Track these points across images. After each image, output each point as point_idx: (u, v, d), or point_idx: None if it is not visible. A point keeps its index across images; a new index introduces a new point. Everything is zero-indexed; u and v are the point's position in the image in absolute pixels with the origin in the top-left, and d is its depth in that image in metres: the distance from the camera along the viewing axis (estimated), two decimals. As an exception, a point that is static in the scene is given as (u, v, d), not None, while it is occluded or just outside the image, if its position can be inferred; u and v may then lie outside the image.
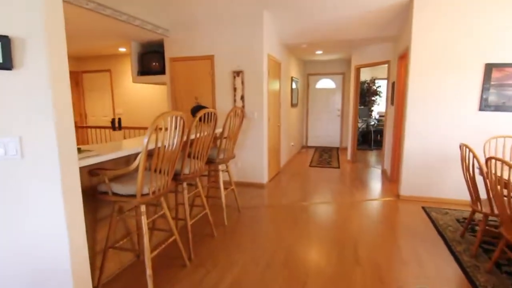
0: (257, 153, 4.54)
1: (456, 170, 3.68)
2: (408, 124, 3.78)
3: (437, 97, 3.64)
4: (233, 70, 4.47)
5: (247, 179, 4.66)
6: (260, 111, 4.43)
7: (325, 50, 6.01)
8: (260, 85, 4.37)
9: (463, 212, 3.45)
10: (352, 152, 6.24)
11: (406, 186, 3.90)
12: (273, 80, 4.88)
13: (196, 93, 4.77)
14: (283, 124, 5.75)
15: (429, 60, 3.61)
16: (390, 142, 4.94)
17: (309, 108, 8.10)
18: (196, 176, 2.61)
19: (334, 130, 7.99)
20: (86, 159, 1.77)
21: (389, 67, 5.20)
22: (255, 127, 4.49)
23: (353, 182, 4.82)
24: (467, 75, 3.50)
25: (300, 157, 6.93)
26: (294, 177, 5.12)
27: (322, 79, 7.90)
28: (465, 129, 3.59)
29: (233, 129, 3.15)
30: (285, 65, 5.71)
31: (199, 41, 4.59)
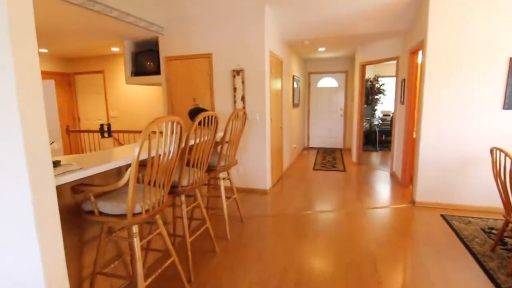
0: (259, 157, 4.26)
1: (478, 174, 3.41)
2: (424, 124, 3.51)
3: (456, 94, 3.37)
4: (233, 69, 4.19)
5: (249, 185, 4.38)
6: (262, 112, 4.14)
7: (328, 47, 5.74)
8: (261, 84, 4.08)
9: (487, 220, 3.19)
10: (357, 154, 5.97)
11: (422, 192, 3.63)
12: (275, 79, 4.60)
13: (193, 94, 4.47)
14: (285, 125, 5.47)
15: (447, 54, 3.33)
16: (401, 143, 4.68)
17: (311, 108, 7.82)
18: (195, 188, 2.32)
19: (337, 131, 7.72)
20: (63, 176, 1.47)
21: (398, 63, 4.93)
22: (257, 129, 4.20)
23: (362, 186, 4.55)
24: (490, 70, 3.23)
25: (302, 159, 6.65)
26: (299, 182, 4.84)
27: (324, 77, 7.63)
28: (487, 129, 3.32)
29: (235, 133, 2.86)
30: (286, 63, 5.43)
31: (196, 39, 4.30)
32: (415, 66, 4.19)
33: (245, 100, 4.21)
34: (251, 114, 4.19)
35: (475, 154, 3.39)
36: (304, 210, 3.59)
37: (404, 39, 4.61)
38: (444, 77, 3.37)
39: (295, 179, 5.02)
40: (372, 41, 5.21)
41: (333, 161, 6.34)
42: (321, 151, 7.47)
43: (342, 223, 3.20)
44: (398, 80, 4.94)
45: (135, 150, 1.51)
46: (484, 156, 3.36)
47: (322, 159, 6.52)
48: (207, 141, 2.36)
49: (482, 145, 3.36)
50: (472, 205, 3.47)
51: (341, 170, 5.54)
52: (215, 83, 4.33)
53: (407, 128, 4.36)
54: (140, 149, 1.51)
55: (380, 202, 3.81)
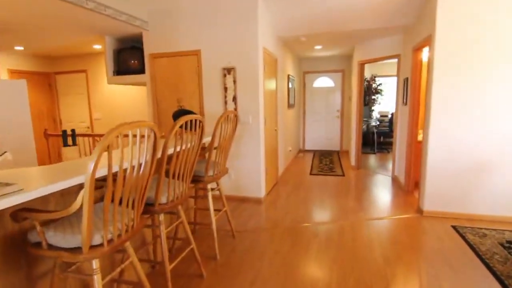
0: (253, 162, 3.92)
1: (492, 180, 3.12)
2: (433, 126, 3.22)
3: (467, 95, 3.08)
4: (223, 67, 3.84)
5: (242, 193, 4.03)
6: (256, 114, 3.81)
7: (325, 44, 5.43)
8: (255, 84, 3.75)
9: (503, 233, 2.90)
10: (356, 157, 5.67)
11: (430, 200, 3.33)
12: (269, 78, 4.27)
13: (180, 94, 4.11)
14: (280, 127, 5.14)
15: (457, 51, 3.04)
16: (403, 146, 4.38)
17: (306, 109, 7.52)
18: (177, 204, 1.97)
19: (334, 133, 7.43)
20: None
21: (400, 61, 4.65)
22: (250, 133, 3.86)
23: (363, 193, 4.24)
24: (504, 69, 2.95)
25: (298, 163, 6.33)
26: (295, 189, 4.51)
27: (320, 77, 7.33)
28: (502, 132, 3.04)
29: (225, 138, 2.52)
30: (281, 62, 5.11)
31: (183, 34, 3.94)
32: (419, 64, 3.91)
33: (236, 101, 3.86)
34: (243, 116, 3.85)
35: (488, 158, 3.10)
36: (303, 222, 3.26)
37: (406, 35, 4.33)
38: (453, 76, 3.08)
39: (291, 185, 4.69)
40: (371, 38, 4.92)
41: (331, 164, 6.03)
42: (317, 154, 7.16)
43: (345, 237, 2.88)
44: (400, 79, 4.65)
45: (89, 165, 1.16)
46: (499, 160, 3.08)
47: (319, 163, 6.20)
48: (192, 148, 2.01)
49: (496, 149, 3.07)
50: (485, 215, 3.18)
51: (339, 175, 5.23)
52: (204, 83, 3.97)
53: (410, 130, 4.07)
54: (96, 164, 1.16)
55: (385, 212, 3.50)
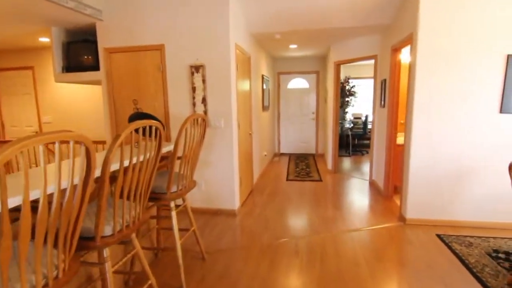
0: (225, 171, 3.53)
1: (474, 185, 3.00)
2: (415, 130, 3.03)
3: (449, 97, 2.93)
4: (191, 64, 3.42)
5: (214, 205, 3.62)
6: (228, 117, 3.43)
7: (300, 43, 5.18)
8: (227, 83, 3.37)
9: (488, 240, 2.76)
10: (333, 161, 5.48)
11: (413, 207, 3.15)
12: (242, 78, 3.91)
13: (141, 95, 3.63)
14: (255, 131, 4.80)
15: (441, 49, 2.88)
16: (381, 150, 4.22)
17: (281, 111, 7.25)
18: (129, 234, 1.54)
19: (309, 136, 7.23)
20: None
21: (376, 62, 4.50)
22: (222, 138, 3.47)
23: (343, 200, 4.01)
24: (485, 69, 2.83)
25: (274, 168, 6.03)
26: (272, 197, 4.18)
27: (294, 78, 7.10)
28: (483, 136, 2.92)
29: (191, 146, 2.12)
30: (255, 61, 4.77)
31: (144, 26, 3.47)
32: (397, 65, 3.75)
33: (206, 103, 3.46)
34: (214, 119, 3.45)
35: (470, 164, 2.97)
36: (282, 237, 2.92)
37: (383, 35, 4.18)
38: (436, 78, 2.92)
39: (268, 193, 4.36)
40: (347, 38, 4.74)
41: (307, 169, 5.79)
42: (293, 158, 6.91)
43: (328, 253, 2.58)
44: (377, 80, 4.50)
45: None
46: (481, 166, 2.96)
47: (295, 167, 5.94)
48: (147, 161, 1.60)
49: (478, 153, 2.95)
50: (469, 221, 3.05)
51: (317, 180, 4.98)
52: (169, 82, 3.53)
53: (389, 133, 3.90)
54: None
55: (367, 221, 3.27)
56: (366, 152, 7.34)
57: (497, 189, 2.96)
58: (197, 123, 2.14)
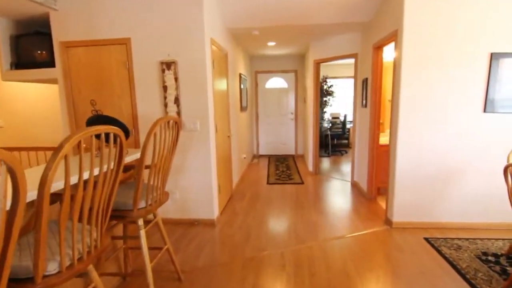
0: (202, 177, 3.23)
1: (460, 186, 2.93)
2: (401, 130, 2.91)
3: (434, 96, 2.83)
4: (162, 60, 3.09)
5: (190, 215, 3.31)
6: (204, 118, 3.13)
7: (279, 41, 4.98)
8: (202, 81, 3.08)
9: (475, 242, 2.68)
10: (314, 162, 5.33)
11: (399, 210, 3.03)
12: (219, 76, 3.63)
13: (106, 95, 3.24)
14: (233, 133, 4.53)
15: (428, 46, 2.77)
16: (364, 151, 4.11)
17: (259, 111, 7.03)
18: (83, 268, 1.23)
19: (288, 136, 7.06)
20: None
21: (357, 61, 4.39)
22: (198, 142, 3.17)
23: (327, 204, 3.84)
24: (469, 67, 2.76)
25: (253, 170, 5.79)
26: (252, 203, 3.93)
27: (272, 77, 6.91)
28: (467, 135, 2.85)
29: (162, 153, 1.82)
30: (232, 58, 4.50)
31: (107, 17, 3.09)
32: (379, 64, 3.64)
33: (180, 103, 3.14)
34: (189, 121, 3.15)
35: (456, 164, 2.90)
36: (265, 248, 2.68)
37: (364, 33, 4.07)
38: (422, 76, 2.81)
39: (248, 198, 4.10)
40: (327, 36, 4.60)
41: (288, 171, 5.61)
42: (272, 159, 6.71)
43: (317, 265, 2.37)
44: (358, 80, 4.39)
45: None
46: (466, 166, 2.89)
47: (275, 169, 5.74)
48: (105, 175, 1.29)
49: (463, 154, 2.88)
50: (455, 222, 2.98)
51: (298, 183, 4.80)
52: (137, 80, 3.17)
53: (372, 134, 3.79)
54: None
55: (354, 226, 3.12)
56: (345, 152, 7.31)
57: (481, 190, 2.91)
58: (168, 126, 1.85)
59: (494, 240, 2.70)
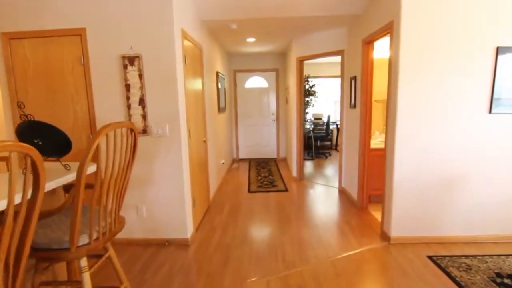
0: (174, 190, 2.79)
1: (464, 194, 2.67)
2: (399, 134, 2.62)
3: (437, 95, 2.56)
4: (123, 54, 2.62)
5: (160, 234, 2.86)
6: (175, 122, 2.69)
7: (259, 36, 4.61)
8: (171, 79, 2.64)
9: (485, 260, 2.42)
10: (298, 167, 5.00)
11: (398, 223, 2.74)
12: (193, 74, 3.19)
13: (58, 95, 2.73)
14: (210, 137, 4.10)
15: (426, 42, 2.49)
16: (353, 155, 3.82)
17: (239, 112, 6.62)
18: None
19: (270, 139, 6.71)
20: None
21: (344, 58, 4.10)
22: (168, 148, 2.73)
23: (315, 216, 3.50)
24: (472, 63, 2.50)
25: (233, 177, 5.37)
26: (233, 216, 3.52)
27: (252, 77, 6.53)
28: (471, 138, 2.60)
29: (114, 169, 1.38)
30: (208, 54, 4.07)
31: (57, 4, 2.59)
32: (370, 60, 3.35)
33: (145, 104, 2.68)
34: (156, 126, 2.70)
35: (460, 171, 2.64)
36: (249, 275, 2.29)
37: (351, 28, 3.78)
38: (422, 73, 2.53)
39: (228, 210, 3.69)
40: (311, 31, 4.28)
41: (270, 176, 5.24)
42: (253, 164, 6.33)
43: (310, 298, 2.01)
44: (345, 78, 4.10)
45: None
46: (472, 172, 2.64)
47: (257, 175, 5.36)
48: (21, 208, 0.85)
49: (467, 158, 2.63)
50: (459, 235, 2.72)
51: (282, 190, 4.45)
52: (95, 77, 2.68)
53: (363, 137, 3.50)
54: None
55: (348, 242, 2.79)
56: (329, 155, 7.05)
57: (487, 198, 2.68)
58: (124, 133, 1.41)
59: (505, 257, 2.44)
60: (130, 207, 2.83)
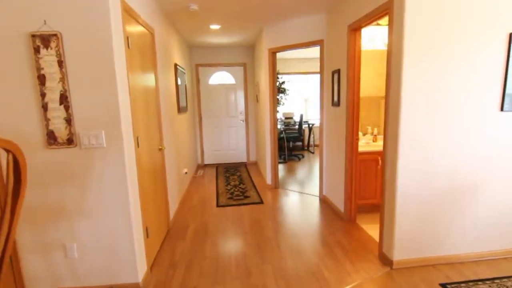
0: (115, 220, 2.05)
1: (476, 205, 2.27)
2: (403, 137, 2.14)
3: (446, 89, 2.12)
4: (33, 32, 1.82)
5: (100, 279, 2.09)
6: (114, 127, 1.95)
7: (224, 23, 3.94)
8: (107, 68, 1.89)
9: (505, 284, 2.02)
10: (273, 173, 4.43)
11: (402, 244, 2.27)
12: (141, 63, 2.45)
13: None
14: (168, 143, 3.36)
15: (434, 27, 2.03)
16: (337, 160, 3.33)
17: (203, 112, 5.89)
18: None
19: (238, 141, 6.07)
20: None
21: (323, 49, 3.59)
22: (105, 164, 1.98)
23: (299, 236, 2.95)
24: (481, 53, 2.10)
25: (198, 187, 4.66)
26: (199, 242, 2.84)
27: (217, 72, 5.83)
28: (479, 141, 2.20)
29: None
30: (163, 41, 3.32)
31: None
32: (357, 50, 2.87)
33: (70, 104, 1.90)
34: (86, 133, 1.93)
35: (468, 179, 2.24)
36: None
37: (333, 13, 3.27)
38: (429, 64, 2.07)
39: (192, 234, 2.99)
40: (284, 18, 3.72)
41: (241, 185, 4.61)
42: (221, 170, 5.64)
43: None
44: (325, 72, 3.60)
45: None
46: (480, 180, 2.25)
47: (226, 183, 4.70)
48: None
49: (477, 164, 2.23)
50: (468, 253, 2.33)
51: (257, 202, 3.84)
52: (-12, 65, 1.84)
53: (350, 140, 3.02)
54: None
55: (342, 271, 2.26)
56: (302, 157, 6.60)
57: (496, 209, 2.31)
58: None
59: (526, 280, 2.08)
60: (54, 247, 2.03)
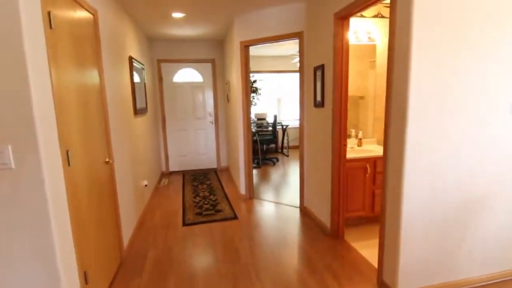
0: (33, 270, 1.44)
1: (480, 226, 1.97)
2: (410, 146, 1.76)
3: (462, 89, 1.78)
4: None
5: None
6: (27, 140, 1.35)
7: (189, 10, 3.39)
8: (13, 54, 1.29)
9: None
10: (247, 182, 3.96)
11: (407, 271, 1.90)
12: (74, 52, 1.84)
13: None
14: (120, 153, 2.74)
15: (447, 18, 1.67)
16: (321, 167, 2.93)
17: (166, 114, 5.26)
18: None
19: (208, 145, 5.51)
20: None
21: (302, 42, 3.17)
22: (15, 193, 1.37)
23: (283, 261, 2.50)
24: (493, 50, 1.79)
25: (161, 200, 4.05)
26: (160, 281, 2.28)
27: (182, 68, 5.23)
28: (490, 148, 1.90)
29: None
30: (112, 28, 2.69)
31: None
32: (345, 42, 2.48)
33: (-47, 105, 1.27)
34: (-19, 148, 1.31)
35: (479, 193, 1.93)
36: None
37: (313, 1, 2.86)
38: (443, 61, 1.71)
39: (151, 267, 2.42)
40: (258, 7, 3.26)
41: (212, 196, 4.08)
42: (188, 178, 5.05)
43: None
44: (306, 68, 3.19)
45: None
46: (492, 195, 1.94)
47: (194, 195, 4.13)
48: None
49: (493, 176, 1.92)
50: (475, 277, 2.03)
51: (230, 218, 3.34)
52: None
53: (337, 145, 2.63)
54: None
55: (340, 310, 1.84)
56: (276, 160, 6.19)
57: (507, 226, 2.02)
58: None
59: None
60: None
